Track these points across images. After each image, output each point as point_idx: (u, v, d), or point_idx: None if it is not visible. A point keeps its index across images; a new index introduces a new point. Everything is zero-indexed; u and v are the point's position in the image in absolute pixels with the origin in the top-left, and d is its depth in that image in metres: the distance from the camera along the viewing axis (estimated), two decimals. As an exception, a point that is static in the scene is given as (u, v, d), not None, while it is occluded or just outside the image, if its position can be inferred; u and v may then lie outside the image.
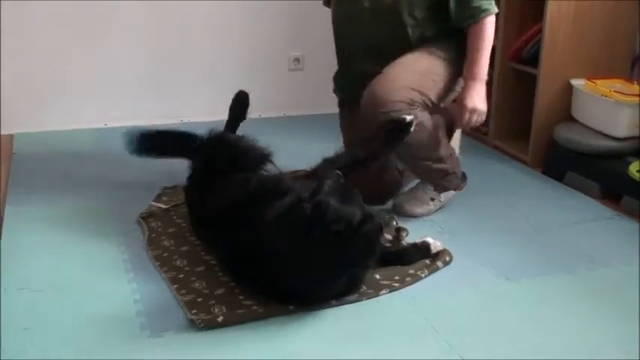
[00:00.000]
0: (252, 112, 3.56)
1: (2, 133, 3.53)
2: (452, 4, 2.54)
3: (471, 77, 2.61)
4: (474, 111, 2.59)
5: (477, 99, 2.59)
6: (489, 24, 2.57)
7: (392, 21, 2.61)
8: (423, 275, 2.26)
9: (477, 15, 2.54)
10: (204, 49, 3.88)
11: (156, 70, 3.83)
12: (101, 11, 3.61)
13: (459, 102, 2.61)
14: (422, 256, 2.34)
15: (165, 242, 2.45)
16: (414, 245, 2.39)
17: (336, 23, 2.83)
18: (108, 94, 3.76)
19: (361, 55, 2.70)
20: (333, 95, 4.34)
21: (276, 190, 2.18)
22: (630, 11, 3.25)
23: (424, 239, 2.40)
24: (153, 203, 2.74)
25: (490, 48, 2.60)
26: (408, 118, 2.41)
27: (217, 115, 3.51)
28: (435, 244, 2.39)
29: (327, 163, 2.37)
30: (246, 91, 2.87)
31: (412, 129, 2.42)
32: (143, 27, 3.74)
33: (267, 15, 3.91)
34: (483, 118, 2.64)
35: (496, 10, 2.58)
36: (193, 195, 2.52)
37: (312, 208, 1.95)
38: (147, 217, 2.63)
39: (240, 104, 2.83)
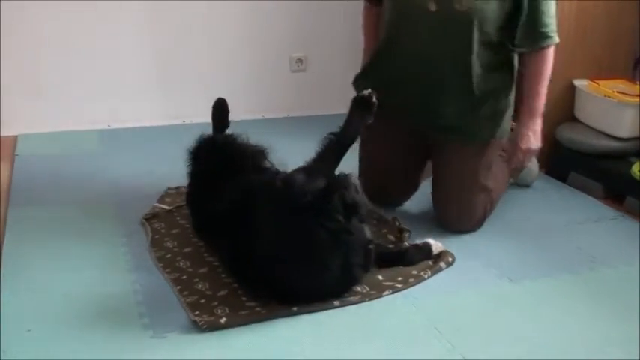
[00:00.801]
0: (256, 114, 3.56)
1: (5, 134, 3.54)
2: (521, 25, 2.39)
3: (528, 113, 2.50)
4: (528, 152, 2.52)
5: (533, 139, 2.50)
6: (551, 53, 2.47)
7: (460, 37, 2.40)
8: (425, 276, 2.26)
9: (540, 41, 2.44)
10: (206, 50, 3.88)
11: (159, 71, 3.83)
12: (104, 12, 3.61)
13: (515, 142, 2.52)
14: (423, 257, 2.35)
15: (169, 243, 2.45)
16: (416, 246, 2.39)
17: (390, 24, 2.55)
18: (111, 95, 3.76)
19: (411, 70, 2.51)
20: (336, 96, 4.34)
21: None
22: (633, 11, 3.24)
23: (425, 240, 2.40)
24: (156, 204, 2.75)
25: (548, 79, 2.50)
26: (367, 92, 2.30)
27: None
28: (437, 245, 2.39)
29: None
30: (223, 97, 2.84)
31: (374, 100, 2.29)
32: (146, 28, 3.74)
33: (269, 16, 3.91)
34: (536, 153, 2.58)
35: (558, 40, 2.47)
36: (193, 198, 2.53)
37: (281, 185, 2.00)
38: (150, 218, 2.63)
39: (220, 112, 2.82)
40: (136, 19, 3.70)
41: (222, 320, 1.97)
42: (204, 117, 3.81)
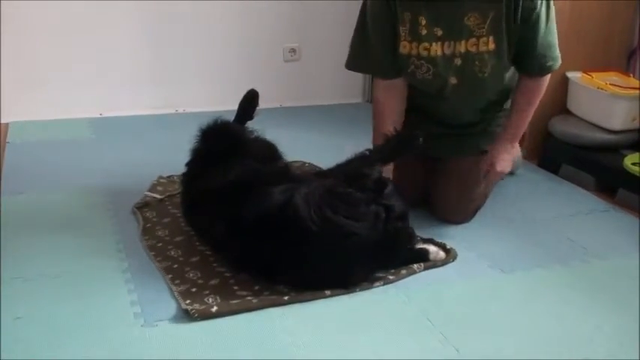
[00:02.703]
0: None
1: (-3, 121, 3.54)
2: (526, 58, 2.42)
3: (508, 138, 2.54)
4: (502, 174, 2.58)
5: (507, 162, 2.55)
6: (548, 78, 2.51)
7: (481, 94, 2.53)
8: (418, 270, 2.25)
9: (544, 71, 2.47)
10: (200, 39, 3.87)
11: (152, 60, 3.81)
12: (97, 1, 3.59)
13: (490, 163, 2.53)
14: (417, 261, 2.29)
15: (160, 232, 2.45)
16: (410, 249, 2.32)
17: (415, 100, 2.60)
18: (103, 84, 3.75)
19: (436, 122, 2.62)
20: (330, 86, 4.34)
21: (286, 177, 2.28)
22: (627, 4, 3.24)
23: (425, 246, 2.34)
24: (148, 193, 2.74)
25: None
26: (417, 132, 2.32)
27: (213, 105, 3.52)
28: (438, 254, 2.32)
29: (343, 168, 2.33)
30: (255, 89, 2.84)
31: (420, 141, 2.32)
32: (139, 17, 3.72)
33: (262, 6, 3.90)
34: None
35: (559, 63, 2.49)
36: (191, 174, 2.50)
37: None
38: (142, 207, 2.62)
39: (249, 102, 2.81)
40: (129, 9, 3.69)
41: (214, 309, 1.96)
42: (196, 106, 3.82)
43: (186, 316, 1.95)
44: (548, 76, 2.51)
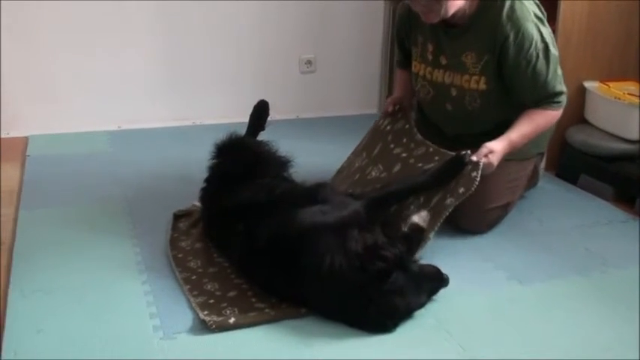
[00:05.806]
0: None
1: (17, 135, 3.57)
2: (524, 95, 2.48)
3: (510, 144, 2.44)
4: (492, 166, 2.41)
5: (496, 160, 2.43)
6: (552, 114, 2.51)
7: (474, 122, 2.61)
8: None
9: (545, 106, 2.47)
10: (216, 51, 3.89)
11: (169, 72, 3.84)
12: (114, 14, 3.63)
13: (490, 148, 2.40)
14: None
15: (183, 243, 2.46)
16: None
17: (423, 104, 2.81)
18: (121, 97, 3.78)
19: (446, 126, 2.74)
20: (346, 97, 4.35)
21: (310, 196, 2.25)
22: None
23: (411, 221, 2.27)
24: (196, 203, 2.67)
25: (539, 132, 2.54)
26: (464, 152, 2.34)
27: (230, 117, 3.54)
28: (421, 217, 2.28)
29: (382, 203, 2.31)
30: (266, 100, 2.86)
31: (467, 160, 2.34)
32: (156, 30, 3.75)
33: (278, 17, 3.92)
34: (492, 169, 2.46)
35: (563, 105, 2.51)
36: (209, 192, 2.52)
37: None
38: (181, 216, 2.63)
39: (259, 113, 2.83)
40: (146, 22, 3.72)
41: (231, 321, 1.97)
42: (213, 118, 3.85)
43: (204, 327, 1.96)
44: (555, 111, 2.52)
